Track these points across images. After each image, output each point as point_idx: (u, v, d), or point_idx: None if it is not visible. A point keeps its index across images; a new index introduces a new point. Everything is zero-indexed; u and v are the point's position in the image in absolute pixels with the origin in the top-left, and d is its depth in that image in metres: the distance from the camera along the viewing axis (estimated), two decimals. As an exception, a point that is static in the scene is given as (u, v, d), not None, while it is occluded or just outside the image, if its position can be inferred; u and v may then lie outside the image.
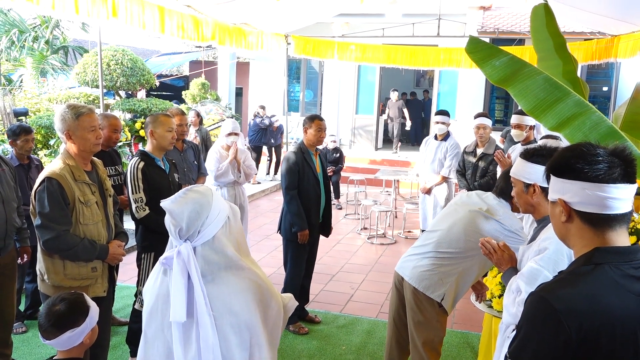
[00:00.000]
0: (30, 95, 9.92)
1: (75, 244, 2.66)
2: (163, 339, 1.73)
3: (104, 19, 4.93)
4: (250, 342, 1.70)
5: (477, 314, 4.58)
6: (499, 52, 2.35)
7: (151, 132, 3.44)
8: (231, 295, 1.68)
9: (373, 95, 13.49)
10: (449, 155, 5.74)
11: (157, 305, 1.73)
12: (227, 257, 1.70)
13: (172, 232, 1.68)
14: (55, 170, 2.66)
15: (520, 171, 2.23)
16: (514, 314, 2.09)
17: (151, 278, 1.80)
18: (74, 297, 1.95)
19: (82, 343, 1.92)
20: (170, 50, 16.58)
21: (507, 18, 12.19)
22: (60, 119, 2.73)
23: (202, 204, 1.66)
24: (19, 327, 4.05)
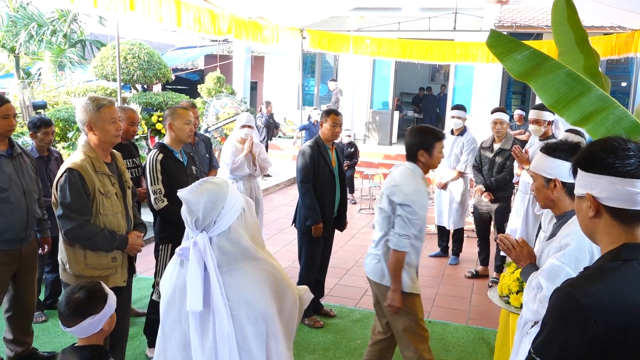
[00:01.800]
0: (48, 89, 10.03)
1: (96, 234, 2.71)
2: (180, 329, 1.74)
3: (122, 13, 4.97)
4: (267, 333, 1.71)
5: (492, 310, 4.56)
6: (521, 46, 2.32)
7: (170, 124, 3.47)
8: (247, 285, 1.69)
9: (388, 89, 13.43)
10: (465, 151, 5.70)
11: (174, 296, 1.75)
12: (243, 247, 1.71)
13: (188, 223, 1.69)
14: (77, 162, 2.70)
15: (540, 166, 2.21)
16: (534, 310, 2.08)
17: (168, 270, 1.82)
18: (92, 285, 1.98)
19: (101, 330, 1.95)
20: (185, 44, 16.65)
21: (525, 12, 12.05)
22: (81, 110, 2.76)
23: (218, 195, 1.67)
24: (39, 316, 4.12)
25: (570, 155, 2.13)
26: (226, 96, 9.92)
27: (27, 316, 3.53)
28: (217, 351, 1.68)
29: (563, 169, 2.12)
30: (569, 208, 2.16)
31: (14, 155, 3.25)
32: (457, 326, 4.36)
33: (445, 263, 6.01)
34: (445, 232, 6.17)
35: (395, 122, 13.72)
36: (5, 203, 3.14)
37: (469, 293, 5.16)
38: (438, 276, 5.61)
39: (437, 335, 4.19)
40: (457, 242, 6.03)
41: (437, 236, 6.41)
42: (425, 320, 4.38)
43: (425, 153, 2.98)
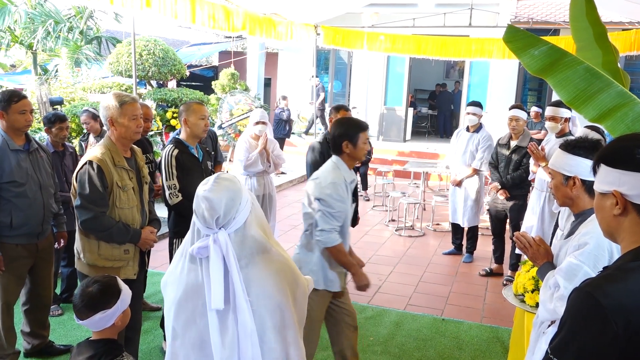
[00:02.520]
0: (65, 85, 10.13)
1: (111, 226, 2.76)
2: (195, 328, 1.73)
3: (138, 9, 5.00)
4: (283, 323, 1.72)
5: (507, 309, 4.52)
6: (538, 42, 2.29)
7: (185, 120, 3.48)
8: (265, 278, 1.70)
9: (402, 86, 13.36)
10: (480, 148, 5.64)
11: (185, 295, 1.73)
12: (257, 241, 1.72)
13: (206, 221, 1.67)
14: (97, 155, 2.76)
15: (559, 163, 2.18)
16: (551, 310, 2.05)
17: (174, 269, 1.79)
18: (106, 279, 1.99)
19: (113, 325, 1.96)
20: (199, 41, 16.72)
21: (541, 7, 11.90)
22: (104, 106, 2.83)
23: (235, 191, 1.68)
24: (55, 309, 4.17)
25: (591, 153, 2.09)
26: (240, 92, 9.95)
27: (43, 309, 3.58)
28: (239, 347, 1.68)
29: (583, 166, 2.09)
30: (588, 206, 2.12)
31: (31, 150, 3.29)
32: (470, 324, 4.34)
33: (459, 261, 5.97)
34: (459, 230, 6.12)
35: (410, 119, 13.65)
36: (22, 198, 3.18)
37: (483, 291, 5.12)
38: (452, 274, 5.58)
39: (451, 333, 4.16)
40: (471, 240, 5.98)
41: (450, 234, 6.37)
42: (439, 318, 4.40)
43: (349, 144, 3.02)
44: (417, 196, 8.23)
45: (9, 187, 3.15)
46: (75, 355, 1.92)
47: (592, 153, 2.11)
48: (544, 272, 2.20)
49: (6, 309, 3.31)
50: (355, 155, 3.07)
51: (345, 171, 3.04)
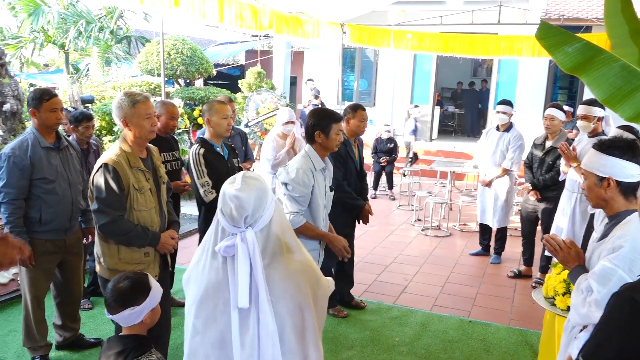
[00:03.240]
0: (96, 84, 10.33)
1: (129, 230, 2.72)
2: (215, 326, 1.72)
3: (167, 9, 5.04)
4: (303, 324, 1.72)
5: (536, 311, 4.44)
6: (572, 38, 2.22)
7: (207, 120, 3.50)
8: (286, 278, 1.70)
9: (429, 85, 13.22)
10: (511, 147, 5.53)
11: (207, 293, 1.73)
12: (281, 240, 1.72)
13: (234, 220, 1.67)
14: (112, 157, 2.71)
15: (593, 163, 2.11)
16: (584, 314, 2.00)
17: (195, 266, 1.79)
18: (137, 276, 2.02)
19: (142, 322, 1.98)
20: (226, 40, 16.85)
21: (573, 4, 11.62)
22: (117, 106, 2.77)
23: (263, 190, 1.69)
24: (85, 303, 4.26)
25: (626, 153, 2.03)
26: (266, 91, 10.00)
27: (74, 303, 3.65)
28: (260, 347, 1.68)
29: (618, 166, 2.03)
30: (623, 208, 2.06)
31: (61, 147, 3.36)
32: (498, 327, 4.27)
33: (486, 262, 5.88)
34: (488, 230, 6.03)
35: (436, 118, 13.51)
36: (51, 194, 3.25)
37: (511, 293, 5.03)
38: (479, 275, 5.50)
39: (478, 335, 4.10)
40: (500, 241, 5.89)
41: (477, 234, 6.28)
42: (465, 320, 4.34)
43: (321, 134, 3.16)
44: (444, 196, 8.14)
45: (39, 184, 3.23)
46: (105, 349, 1.95)
47: (627, 153, 2.05)
48: (576, 275, 2.15)
49: (36, 302, 3.39)
50: (326, 145, 3.20)
51: (314, 158, 3.18)
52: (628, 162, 2.03)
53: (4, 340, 3.76)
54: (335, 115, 3.20)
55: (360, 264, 5.60)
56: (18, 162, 3.15)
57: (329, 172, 3.32)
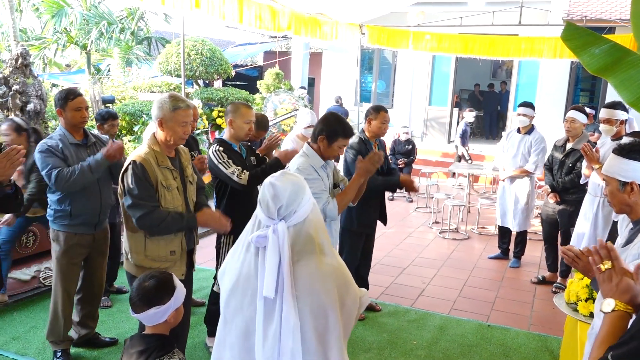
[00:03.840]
0: (116, 84, 10.47)
1: (164, 217, 2.75)
2: (242, 317, 1.77)
3: (187, 10, 5.09)
4: (327, 326, 1.72)
5: (557, 317, 4.37)
6: (599, 40, 2.19)
7: (230, 121, 3.50)
8: (314, 277, 1.72)
9: (447, 86, 13.13)
10: (534, 151, 5.44)
11: (238, 283, 1.78)
12: (314, 241, 1.75)
13: (269, 210, 1.72)
14: (141, 154, 2.77)
15: (614, 168, 2.06)
16: None
17: (232, 257, 1.84)
18: (162, 275, 2.03)
19: (166, 321, 1.99)
20: (245, 41, 16.94)
21: (596, 5, 11.44)
22: (158, 106, 2.80)
23: (300, 186, 1.75)
24: (105, 301, 4.31)
25: None
26: (284, 92, 10.02)
27: (94, 300, 3.69)
28: (281, 341, 1.69)
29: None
30: None
31: (89, 144, 3.42)
32: (518, 332, 4.21)
33: (505, 265, 5.81)
34: (507, 234, 5.96)
35: (455, 120, 13.40)
36: (82, 191, 3.30)
37: (531, 298, 4.96)
38: (498, 279, 5.43)
39: (497, 340, 4.05)
40: (520, 245, 5.81)
41: (496, 237, 6.21)
42: (484, 324, 4.29)
43: (324, 140, 3.10)
44: (462, 198, 8.07)
45: None
46: (128, 347, 1.97)
47: None
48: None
49: (67, 296, 3.45)
50: (324, 152, 3.16)
51: (313, 157, 3.15)
52: None
53: (25, 337, 3.82)
54: (347, 130, 3.14)
55: (378, 266, 5.58)
56: (54, 150, 3.26)
57: (330, 168, 3.30)
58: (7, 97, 6.01)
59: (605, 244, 1.50)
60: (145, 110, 8.07)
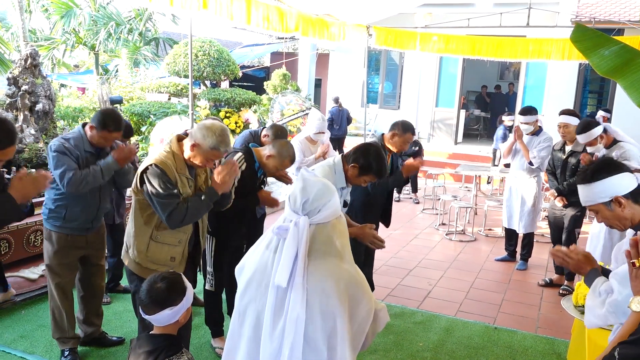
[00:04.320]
0: (124, 84, 10.52)
1: (186, 209, 2.75)
2: (254, 307, 1.81)
3: (195, 11, 5.10)
4: (334, 330, 1.72)
5: (564, 320, 4.35)
6: (609, 41, 2.17)
7: (270, 156, 3.47)
8: (327, 277, 1.75)
9: (454, 87, 13.10)
10: (539, 146, 5.38)
11: (254, 276, 1.83)
12: (334, 245, 1.79)
13: (296, 203, 1.77)
14: (162, 159, 2.77)
15: (590, 196, 2.10)
16: (601, 315, 1.95)
17: (250, 255, 1.91)
18: (173, 276, 2.03)
19: (177, 321, 2.01)
20: (252, 42, 16.99)
21: (604, 6, 11.38)
22: (203, 132, 2.73)
23: (329, 187, 1.81)
24: (104, 297, 4.32)
25: (611, 169, 2.04)
26: (291, 93, 10.03)
27: (96, 297, 3.71)
28: (284, 332, 1.72)
29: (615, 183, 2.03)
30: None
31: (101, 154, 3.42)
32: (525, 334, 4.19)
33: (512, 268, 5.79)
34: (514, 236, 5.93)
35: (462, 121, 13.37)
36: (80, 196, 3.31)
37: (538, 300, 4.93)
38: (504, 281, 5.41)
39: (504, 342, 4.03)
40: (526, 247, 5.78)
41: (503, 239, 6.19)
42: (491, 327, 4.28)
43: (356, 169, 3.12)
44: (469, 200, 8.04)
45: None
46: (136, 347, 1.97)
47: (612, 169, 2.06)
48: (592, 278, 2.10)
49: (60, 291, 3.45)
50: (351, 178, 3.18)
51: (339, 175, 3.16)
52: (618, 175, 2.04)
53: (33, 335, 3.84)
54: (381, 171, 3.14)
55: (384, 267, 5.57)
56: (70, 152, 3.25)
57: (347, 190, 3.33)
58: (17, 97, 6.06)
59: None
60: (153, 110, 8.10)
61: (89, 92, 11.99)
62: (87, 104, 9.67)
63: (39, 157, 5.72)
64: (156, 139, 7.03)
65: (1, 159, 2.30)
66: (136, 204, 2.88)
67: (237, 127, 8.70)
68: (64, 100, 10.53)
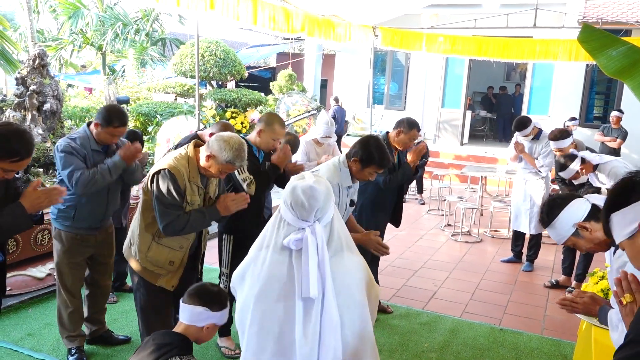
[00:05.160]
0: (131, 84, 10.57)
1: (187, 220, 2.78)
2: (275, 318, 1.77)
3: (202, 11, 5.12)
4: (361, 318, 1.81)
5: (570, 321, 4.33)
6: (617, 42, 2.16)
7: (260, 130, 3.50)
8: (347, 273, 1.80)
9: (460, 88, 13.07)
10: (542, 153, 5.38)
11: (267, 286, 1.77)
12: (343, 237, 1.84)
13: (305, 212, 1.76)
14: (175, 165, 2.78)
15: (559, 235, 2.15)
16: None
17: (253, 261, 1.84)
18: (223, 291, 2.20)
19: (200, 329, 2.06)
20: (258, 43, 17.02)
21: (612, 7, 11.32)
22: (221, 145, 2.75)
23: (330, 187, 1.82)
24: (110, 297, 4.34)
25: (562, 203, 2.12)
26: (297, 93, 10.04)
27: (102, 296, 3.74)
28: (322, 338, 1.74)
29: (571, 213, 2.10)
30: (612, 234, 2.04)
31: (109, 152, 3.44)
32: (530, 336, 4.17)
33: (518, 269, 5.77)
34: (520, 237, 5.91)
35: (467, 122, 13.34)
36: (89, 196, 3.32)
37: (544, 302, 4.92)
38: (510, 282, 5.39)
39: (509, 344, 4.02)
40: (533, 248, 5.76)
41: (508, 241, 6.17)
42: (496, 328, 4.27)
43: (358, 163, 3.08)
44: (475, 201, 8.02)
45: None
46: (149, 340, 2.00)
47: (563, 203, 2.12)
48: (604, 316, 2.08)
49: (69, 290, 3.47)
50: (355, 174, 3.14)
51: (344, 175, 3.12)
52: (568, 206, 2.11)
53: (40, 333, 3.86)
54: (383, 160, 3.10)
55: (389, 268, 5.57)
56: (77, 152, 3.26)
57: (354, 189, 3.28)
58: (25, 96, 6.10)
59: (628, 275, 1.51)
60: (159, 110, 8.13)
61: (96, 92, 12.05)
62: (94, 104, 9.73)
63: (47, 156, 5.75)
64: (162, 139, 7.06)
65: (14, 169, 2.29)
66: (144, 204, 2.89)
67: (243, 127, 8.72)
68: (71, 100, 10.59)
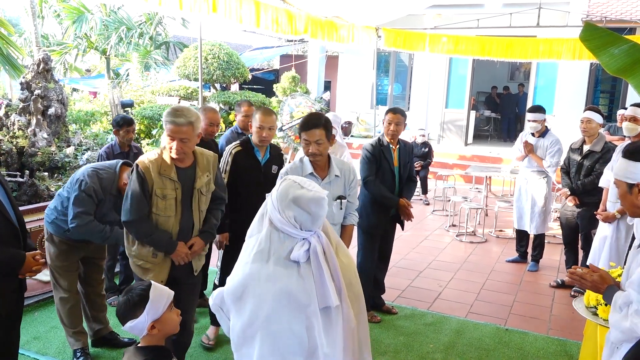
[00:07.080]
0: (135, 88, 10.61)
1: (148, 233, 2.83)
2: (291, 333, 1.74)
3: (205, 14, 5.14)
4: (359, 309, 1.89)
5: (576, 321, 4.31)
6: (618, 40, 2.16)
7: (250, 125, 3.55)
8: (346, 269, 1.86)
9: (464, 88, 13.05)
10: (549, 153, 5.39)
11: (277, 303, 1.74)
12: (333, 238, 1.89)
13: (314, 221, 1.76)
14: (144, 161, 2.82)
15: (622, 171, 2.07)
16: (627, 328, 1.92)
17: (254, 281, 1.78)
18: (139, 288, 1.95)
19: (156, 332, 1.91)
20: (261, 45, 17.06)
21: (616, 5, 11.28)
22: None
23: (322, 195, 1.81)
24: (114, 300, 4.36)
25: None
26: (301, 95, 10.05)
27: (97, 294, 3.73)
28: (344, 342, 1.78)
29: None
30: None
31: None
32: (536, 336, 4.16)
33: (523, 269, 5.75)
34: (524, 237, 5.89)
35: (472, 122, 13.31)
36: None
37: (550, 302, 4.90)
38: (516, 282, 5.37)
39: (515, 344, 4.01)
40: (538, 248, 5.74)
41: (514, 241, 6.15)
42: (502, 328, 4.25)
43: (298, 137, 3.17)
44: (479, 201, 8.00)
45: None
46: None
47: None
48: (610, 296, 2.08)
49: (65, 289, 3.49)
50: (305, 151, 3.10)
51: (306, 163, 3.13)
52: None
53: (46, 337, 3.88)
54: (305, 122, 3.06)
55: (394, 269, 5.56)
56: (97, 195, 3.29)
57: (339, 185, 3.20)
58: (30, 101, 6.14)
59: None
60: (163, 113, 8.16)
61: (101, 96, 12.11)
62: (99, 108, 9.78)
63: (52, 160, 5.78)
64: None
65: None
66: None
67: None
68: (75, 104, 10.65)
